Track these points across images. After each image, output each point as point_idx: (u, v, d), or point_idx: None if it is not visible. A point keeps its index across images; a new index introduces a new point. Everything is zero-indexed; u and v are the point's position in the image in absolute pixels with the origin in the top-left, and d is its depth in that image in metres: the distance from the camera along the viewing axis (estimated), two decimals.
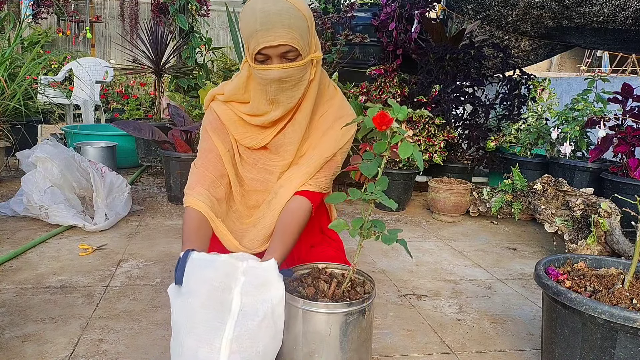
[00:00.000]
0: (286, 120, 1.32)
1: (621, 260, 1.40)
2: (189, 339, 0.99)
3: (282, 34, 1.15)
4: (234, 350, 0.98)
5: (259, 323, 1.00)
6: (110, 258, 2.08)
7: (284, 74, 1.20)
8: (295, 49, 1.18)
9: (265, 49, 1.17)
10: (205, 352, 0.97)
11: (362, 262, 2.17)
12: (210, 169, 1.35)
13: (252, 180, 1.39)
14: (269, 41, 1.15)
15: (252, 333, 1.00)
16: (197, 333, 0.98)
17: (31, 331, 1.45)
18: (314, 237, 1.48)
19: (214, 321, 0.98)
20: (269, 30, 1.14)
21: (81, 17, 9.07)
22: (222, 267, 1.02)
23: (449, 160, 3.44)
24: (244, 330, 0.99)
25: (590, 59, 9.83)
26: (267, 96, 1.25)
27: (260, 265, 1.04)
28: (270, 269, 1.05)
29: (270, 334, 1.03)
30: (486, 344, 1.55)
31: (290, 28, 1.15)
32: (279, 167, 1.37)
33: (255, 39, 1.16)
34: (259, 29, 1.14)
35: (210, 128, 1.38)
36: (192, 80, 3.98)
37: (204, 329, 0.98)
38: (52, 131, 4.40)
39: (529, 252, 2.52)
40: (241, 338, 0.98)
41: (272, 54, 1.18)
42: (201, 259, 1.04)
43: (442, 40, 3.49)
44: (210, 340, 0.97)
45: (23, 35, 6.37)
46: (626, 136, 2.68)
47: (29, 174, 2.46)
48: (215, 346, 0.97)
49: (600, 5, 3.09)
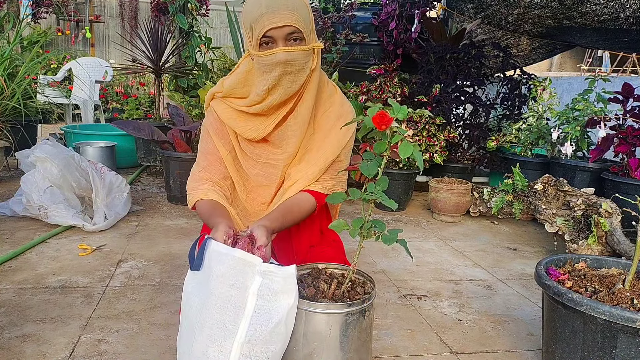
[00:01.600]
0: (287, 110, 1.32)
1: (622, 261, 1.40)
2: (200, 336, 0.98)
3: (287, 15, 1.18)
4: (245, 354, 0.97)
5: (272, 329, 0.99)
6: (110, 258, 2.07)
7: (290, 57, 1.22)
8: (300, 30, 1.21)
9: (271, 30, 1.19)
10: (215, 352, 0.97)
11: (362, 263, 2.16)
12: (213, 172, 1.35)
13: (257, 176, 1.39)
14: (274, 22, 1.18)
15: (265, 338, 0.99)
16: (209, 332, 0.97)
17: (30, 331, 1.45)
18: (314, 237, 1.48)
19: (227, 322, 0.97)
20: (274, 12, 1.18)
21: (81, 17, 9.07)
22: (238, 264, 0.99)
23: (449, 160, 3.43)
24: (256, 334, 0.98)
25: (591, 59, 9.83)
26: (268, 84, 1.25)
27: (280, 271, 1.01)
28: (290, 277, 1.02)
29: (281, 340, 1.02)
30: (487, 345, 1.55)
31: (294, 11, 1.19)
32: (281, 160, 1.37)
33: (261, 22, 1.19)
34: (264, 12, 1.18)
35: (212, 130, 1.38)
36: (191, 80, 3.97)
37: (216, 329, 0.97)
38: (52, 131, 4.39)
39: (530, 252, 2.52)
40: (252, 342, 0.97)
41: (277, 36, 1.20)
42: (218, 251, 1.01)
43: (442, 39, 3.49)
44: (221, 341, 0.96)
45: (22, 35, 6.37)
46: (627, 136, 2.67)
47: (28, 173, 2.46)
48: (226, 347, 0.96)
49: (601, 5, 3.08)
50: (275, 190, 1.40)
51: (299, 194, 1.32)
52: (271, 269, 1.01)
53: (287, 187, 1.36)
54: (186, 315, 1.03)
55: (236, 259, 1.00)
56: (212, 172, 1.35)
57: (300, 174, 1.35)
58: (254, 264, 1.00)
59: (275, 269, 1.01)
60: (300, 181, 1.33)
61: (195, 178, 1.35)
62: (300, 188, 1.33)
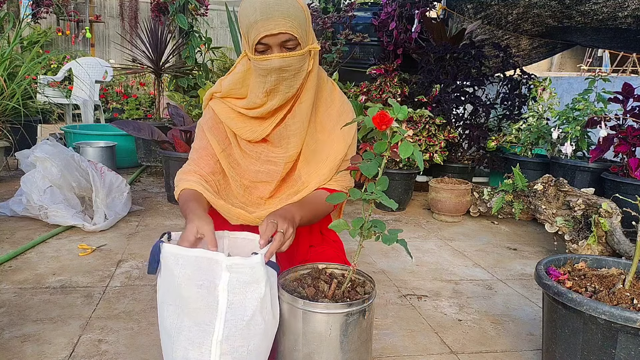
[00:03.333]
0: (285, 111, 1.32)
1: (622, 261, 1.40)
2: (178, 342, 0.98)
3: (282, 23, 1.17)
4: (225, 352, 0.97)
5: (248, 322, 0.98)
6: (110, 258, 2.07)
7: (284, 63, 1.22)
8: (295, 37, 1.21)
9: (266, 37, 1.19)
10: (196, 354, 0.96)
11: (362, 263, 2.16)
12: (202, 165, 1.34)
13: (258, 173, 1.39)
14: (269, 29, 1.17)
15: (242, 333, 0.98)
16: (187, 335, 0.97)
17: (31, 331, 1.45)
18: (314, 237, 1.48)
19: (202, 323, 0.96)
20: (269, 19, 1.17)
21: (81, 17, 9.07)
22: (203, 264, 0.98)
23: (449, 160, 3.43)
24: (233, 330, 0.97)
25: (591, 59, 9.83)
26: (266, 87, 1.26)
27: (246, 262, 1.00)
28: (256, 266, 1.00)
29: (260, 331, 1.01)
30: (487, 345, 1.55)
31: (289, 17, 1.18)
32: (282, 158, 1.37)
33: (256, 29, 1.18)
34: (259, 18, 1.17)
35: (206, 127, 1.38)
36: (191, 80, 3.97)
37: (193, 331, 0.96)
38: (52, 131, 4.39)
39: (530, 252, 2.52)
40: (231, 338, 0.97)
41: (272, 43, 1.20)
42: (174, 253, 0.99)
43: (442, 39, 3.48)
44: (199, 343, 0.96)
45: (22, 35, 6.37)
46: (627, 136, 2.67)
47: (28, 174, 2.46)
48: (206, 348, 0.96)
49: (600, 4, 3.08)
50: (275, 185, 1.40)
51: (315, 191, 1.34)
52: (236, 261, 0.99)
53: (301, 189, 1.36)
54: (162, 324, 1.03)
55: (199, 259, 0.98)
56: (201, 165, 1.34)
57: (313, 177, 1.36)
58: (219, 261, 0.98)
59: (240, 261, 0.99)
60: (314, 183, 1.35)
61: (182, 171, 1.35)
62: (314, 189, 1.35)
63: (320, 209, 1.32)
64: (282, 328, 1.11)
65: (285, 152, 1.36)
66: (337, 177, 1.37)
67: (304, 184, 1.37)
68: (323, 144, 1.38)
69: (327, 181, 1.35)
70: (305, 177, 1.38)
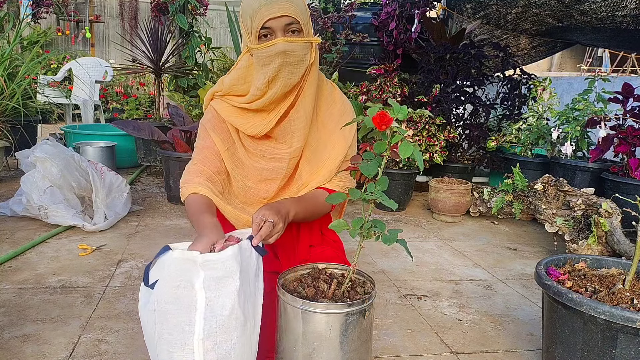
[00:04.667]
0: (288, 104, 1.32)
1: (622, 261, 1.40)
2: (161, 345, 0.98)
3: (285, 6, 1.22)
4: (209, 348, 0.97)
5: (227, 316, 0.98)
6: (110, 258, 2.07)
7: (289, 47, 1.23)
8: (298, 21, 1.24)
9: (270, 21, 1.22)
10: (179, 355, 0.96)
11: (362, 263, 2.16)
12: (207, 164, 1.34)
13: (263, 170, 1.39)
14: (273, 12, 1.21)
15: (224, 328, 0.98)
16: (168, 338, 0.97)
17: (30, 331, 1.45)
18: (314, 237, 1.48)
19: (183, 324, 0.96)
20: (272, 4, 1.21)
21: (81, 17, 9.06)
22: (180, 264, 0.99)
23: (449, 160, 3.43)
24: (214, 326, 0.97)
25: (591, 59, 9.83)
26: (268, 76, 1.26)
27: (219, 257, 1.00)
28: (229, 259, 1.00)
29: (240, 324, 1.01)
30: (487, 345, 1.55)
31: (292, 2, 1.23)
32: (286, 154, 1.37)
33: (260, 14, 1.22)
34: (263, 4, 1.21)
35: (209, 126, 1.38)
36: (191, 80, 3.97)
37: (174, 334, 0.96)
38: (52, 131, 4.39)
39: (530, 252, 2.52)
40: (213, 335, 0.97)
41: (276, 27, 1.23)
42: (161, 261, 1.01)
43: (442, 39, 3.48)
44: (182, 344, 0.96)
45: (22, 35, 6.37)
46: (627, 136, 2.67)
47: (28, 174, 2.46)
48: (188, 348, 0.96)
49: (598, 4, 3.08)
50: (280, 183, 1.40)
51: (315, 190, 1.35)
52: (210, 257, 0.99)
53: (301, 189, 1.37)
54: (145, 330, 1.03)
55: (177, 260, 0.99)
56: (207, 164, 1.34)
57: (313, 177, 1.36)
58: (195, 260, 0.98)
59: (213, 257, 0.99)
60: (314, 183, 1.36)
61: (188, 171, 1.35)
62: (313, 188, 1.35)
63: (317, 207, 1.33)
64: (282, 328, 1.11)
65: (290, 147, 1.36)
66: (336, 177, 1.37)
67: (305, 184, 1.37)
68: (325, 143, 1.38)
69: (327, 181, 1.36)
70: (306, 177, 1.38)
